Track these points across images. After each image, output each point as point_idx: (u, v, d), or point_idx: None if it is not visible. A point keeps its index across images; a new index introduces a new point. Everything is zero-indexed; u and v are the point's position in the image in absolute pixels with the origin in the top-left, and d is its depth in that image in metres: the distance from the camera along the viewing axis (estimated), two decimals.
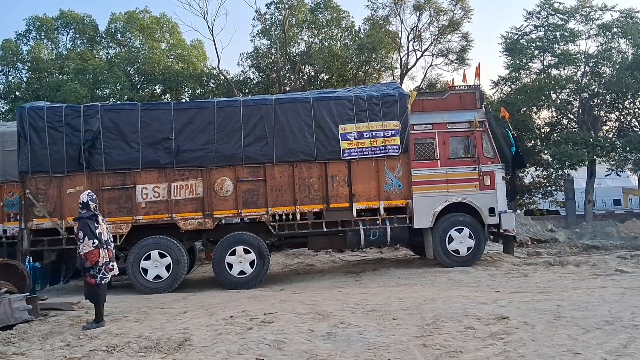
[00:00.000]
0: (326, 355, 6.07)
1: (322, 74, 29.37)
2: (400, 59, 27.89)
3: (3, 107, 29.34)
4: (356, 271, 13.14)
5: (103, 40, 30.76)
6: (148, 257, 11.43)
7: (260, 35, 29.31)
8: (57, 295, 11.21)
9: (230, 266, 11.59)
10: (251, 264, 11.65)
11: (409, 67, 27.75)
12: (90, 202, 8.15)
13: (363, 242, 12.14)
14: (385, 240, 12.32)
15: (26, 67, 28.93)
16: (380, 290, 10.21)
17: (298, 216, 11.89)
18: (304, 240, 12.61)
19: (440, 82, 27.52)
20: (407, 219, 12.17)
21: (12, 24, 71.22)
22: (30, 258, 11.28)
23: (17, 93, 28.29)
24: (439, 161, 12.40)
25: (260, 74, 29.83)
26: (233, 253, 11.60)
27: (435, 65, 27.69)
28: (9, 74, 29.07)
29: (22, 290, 9.90)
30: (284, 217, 11.91)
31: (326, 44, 28.62)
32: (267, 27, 28.85)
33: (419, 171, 12.28)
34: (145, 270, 11.39)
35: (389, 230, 12.06)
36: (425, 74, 28.14)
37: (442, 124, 12.51)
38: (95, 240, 7.94)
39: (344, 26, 28.56)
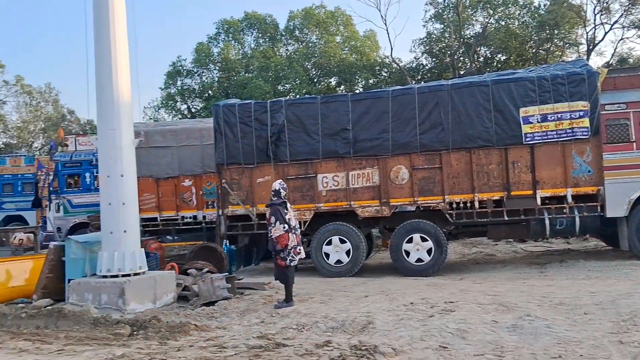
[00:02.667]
0: (513, 348, 5.89)
1: (499, 55, 28.13)
2: (586, 33, 25.70)
3: (198, 105, 32.52)
4: (541, 262, 12.45)
5: (283, 37, 32.54)
6: (329, 243, 11.96)
7: (433, 19, 28.89)
8: (250, 275, 12.21)
9: (408, 253, 11.68)
10: (428, 252, 11.62)
11: (596, 42, 25.45)
12: (281, 190, 8.80)
13: (548, 232, 11.47)
14: (574, 230, 11.51)
15: (217, 68, 31.70)
16: (568, 283, 9.58)
17: (477, 204, 11.59)
18: (483, 229, 12.27)
19: (632, 57, 24.83)
20: (599, 207, 11.24)
21: (204, 28, 78.28)
22: (227, 241, 12.44)
23: (209, 92, 31.16)
24: (634, 144, 11.24)
25: (433, 59, 29.43)
26: (410, 241, 11.67)
27: (627, 38, 25.12)
28: (203, 74, 32.09)
29: (221, 271, 11.01)
30: (461, 205, 11.68)
31: (503, 23, 27.31)
32: (440, 10, 28.32)
33: (612, 155, 11.23)
34: (327, 255, 11.94)
35: (577, 219, 11.24)
36: (615, 48, 25.76)
37: (637, 103, 11.31)
38: (286, 225, 8.55)
39: (521, 3, 27.00)
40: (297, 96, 27.08)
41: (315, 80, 31.47)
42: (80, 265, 9.51)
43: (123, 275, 9.02)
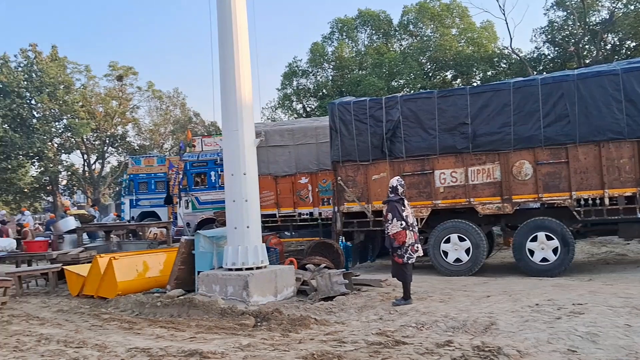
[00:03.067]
0: None
1: (628, 42, 26.01)
2: None
3: (313, 104, 33.18)
4: None
5: (397, 33, 32.33)
6: (448, 241, 11.73)
7: (555, 7, 27.35)
8: (366, 272, 12.28)
9: (532, 253, 11.16)
10: (554, 251, 11.03)
11: None
12: (399, 187, 8.77)
13: None
14: None
15: (331, 66, 32.14)
16: None
17: (607, 201, 10.83)
18: (614, 227, 11.42)
19: None
20: None
21: (319, 28, 79.71)
22: (343, 238, 12.60)
23: (324, 90, 31.68)
24: None
25: (556, 48, 27.85)
26: (534, 239, 11.14)
27: None
28: (317, 74, 32.69)
29: (338, 267, 11.16)
30: (590, 201, 10.97)
31: (632, 7, 25.22)
32: None
33: None
34: (446, 253, 11.72)
35: None
36: None
37: None
38: (403, 222, 8.50)
39: None
40: (412, 91, 26.79)
41: (430, 75, 30.96)
42: (208, 258, 10.10)
43: (247, 269, 9.44)
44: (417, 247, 8.71)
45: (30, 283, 12.84)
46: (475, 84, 27.07)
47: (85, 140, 38.99)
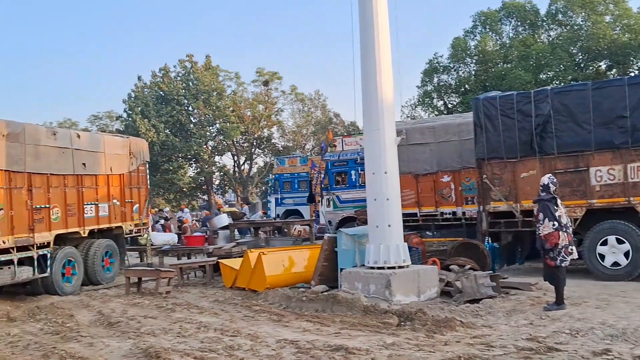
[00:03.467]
0: None
1: None
2: None
3: (454, 101, 32.39)
4: None
5: (544, 23, 30.56)
6: (605, 243, 10.84)
7: None
8: (513, 275, 11.73)
9: None
10: None
11: None
12: (550, 185, 8.29)
13: None
14: None
15: (473, 61, 31.17)
16: None
17: None
18: None
19: None
20: None
21: (460, 23, 77.72)
22: (489, 238, 12.15)
23: (466, 86, 30.80)
24: None
25: None
26: None
27: None
28: (459, 69, 31.85)
29: (483, 268, 10.78)
30: None
31: None
32: None
33: None
34: (602, 256, 10.85)
35: None
36: None
37: None
38: (555, 223, 8.02)
39: None
40: (562, 84, 25.13)
41: (582, 66, 28.85)
42: (350, 255, 10.27)
43: (388, 268, 9.47)
44: (572, 250, 8.17)
45: (189, 274, 13.92)
46: (633, 74, 24.70)
47: (235, 142, 41.49)
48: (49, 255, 11.66)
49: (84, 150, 12.99)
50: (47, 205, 11.77)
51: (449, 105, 32.40)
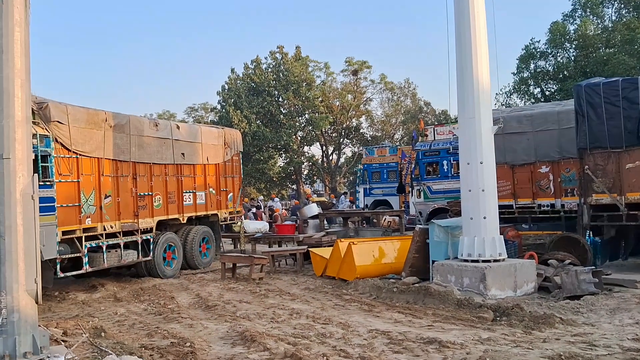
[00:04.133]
0: None
1: None
2: None
3: (552, 88, 30.86)
4: None
5: None
6: None
7: None
8: (617, 271, 11.06)
9: None
10: None
11: None
12: None
13: None
14: None
15: (573, 46, 29.52)
16: None
17: None
18: None
19: None
20: None
21: (559, 7, 73.90)
22: (590, 232, 11.52)
23: (565, 72, 29.24)
24: None
25: None
26: None
27: None
28: (557, 55, 30.30)
29: (584, 264, 10.27)
30: None
31: None
32: None
33: None
34: None
35: None
36: None
37: None
38: None
39: None
40: None
41: None
42: (442, 247, 10.10)
43: (483, 261, 9.23)
44: None
45: (280, 262, 14.24)
46: None
47: (324, 132, 41.80)
48: (151, 240, 12.33)
49: (183, 140, 13.57)
50: (150, 193, 12.43)
51: (547, 93, 30.89)
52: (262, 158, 39.61)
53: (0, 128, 5.53)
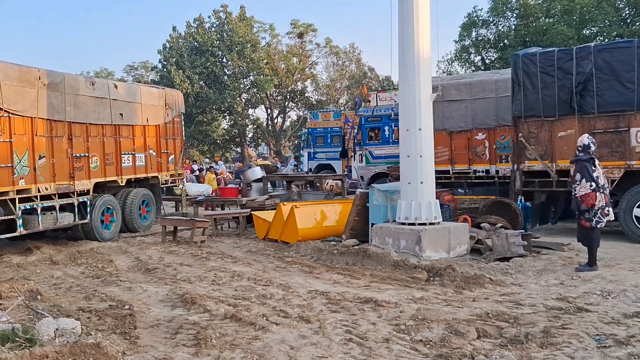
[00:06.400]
0: None
1: None
2: None
3: (493, 56, 31.54)
4: None
5: None
6: None
7: None
8: (545, 235, 11.67)
9: None
10: None
11: None
12: (591, 145, 8.15)
13: None
14: None
15: (514, 15, 30.13)
16: None
17: None
18: None
19: None
20: None
21: None
22: (522, 197, 12.04)
23: (505, 41, 29.88)
24: None
25: None
26: None
27: None
28: (499, 23, 30.89)
29: (515, 227, 10.74)
30: None
31: None
32: None
33: None
34: (639, 219, 10.69)
35: None
36: None
37: None
38: (593, 183, 7.91)
39: None
40: (606, 40, 24.19)
41: (628, 21, 27.61)
42: (382, 211, 10.35)
43: (419, 224, 9.52)
44: (608, 211, 8.06)
45: (223, 225, 14.23)
46: None
47: (269, 95, 41.44)
48: (88, 202, 12.06)
49: (121, 100, 13.20)
50: (87, 154, 12.09)
51: (487, 61, 31.55)
52: (205, 120, 39.01)
53: None
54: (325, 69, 45.84)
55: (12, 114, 10.25)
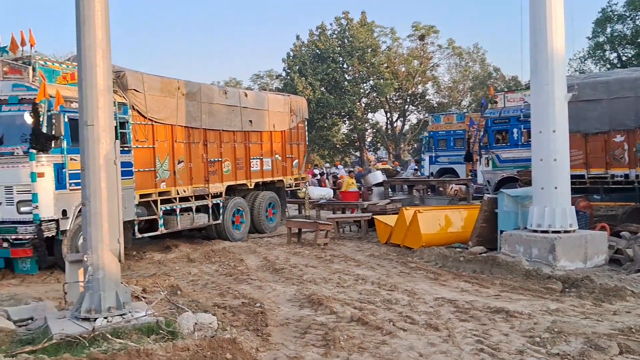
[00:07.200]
0: None
1: None
2: None
3: (630, 52, 29.23)
4: None
5: None
6: None
7: None
8: None
9: None
10: None
11: None
12: None
13: None
14: None
15: None
16: None
17: None
18: None
19: None
20: None
21: None
22: None
23: None
24: None
25: None
26: None
27: None
28: (637, 18, 28.56)
29: None
30: None
31: None
32: None
33: None
34: None
35: None
36: None
37: None
38: None
39: None
40: None
41: None
42: (511, 217, 9.93)
43: (553, 232, 9.02)
44: None
45: (345, 228, 14.41)
46: None
47: (388, 99, 41.33)
48: (221, 204, 12.76)
49: (250, 108, 13.83)
50: (220, 159, 12.81)
51: (623, 58, 29.27)
52: (325, 125, 39.70)
53: (84, 97, 5.84)
54: (448, 71, 44.86)
55: (155, 122, 11.11)
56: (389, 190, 17.06)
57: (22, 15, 70.98)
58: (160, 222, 11.14)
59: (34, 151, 8.72)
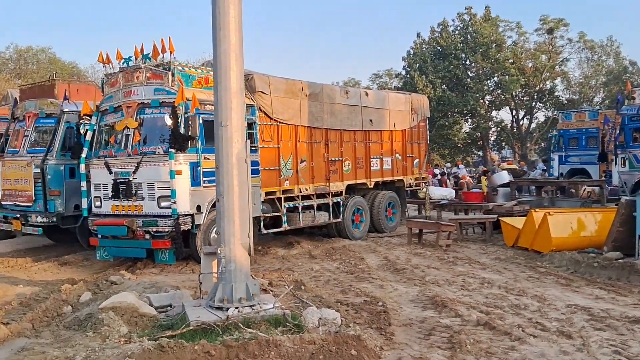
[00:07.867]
0: None
1: None
2: None
3: None
4: None
5: None
6: None
7: None
8: None
9: None
10: None
11: None
12: None
13: None
14: None
15: None
16: None
17: None
18: None
19: None
20: None
21: None
22: None
23: None
24: None
25: None
26: None
27: None
28: None
29: None
30: None
31: None
32: None
33: None
34: None
35: None
36: None
37: None
38: None
39: None
40: None
41: None
42: None
43: None
44: None
45: (468, 230, 14.02)
46: None
47: (514, 96, 39.58)
48: (341, 202, 12.94)
49: (371, 107, 13.89)
50: (340, 158, 13.00)
51: None
52: (446, 124, 38.84)
53: (219, 99, 6.19)
54: (578, 66, 42.12)
55: (280, 122, 11.51)
56: (515, 191, 16.35)
57: (159, 24, 76.48)
58: (284, 219, 11.52)
59: (173, 150, 9.37)
